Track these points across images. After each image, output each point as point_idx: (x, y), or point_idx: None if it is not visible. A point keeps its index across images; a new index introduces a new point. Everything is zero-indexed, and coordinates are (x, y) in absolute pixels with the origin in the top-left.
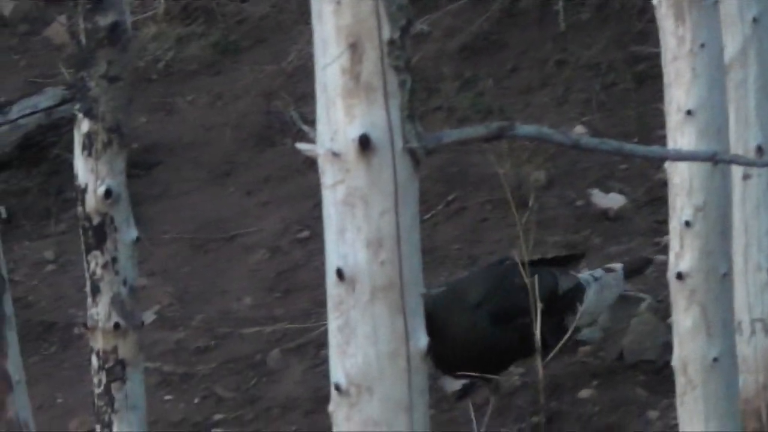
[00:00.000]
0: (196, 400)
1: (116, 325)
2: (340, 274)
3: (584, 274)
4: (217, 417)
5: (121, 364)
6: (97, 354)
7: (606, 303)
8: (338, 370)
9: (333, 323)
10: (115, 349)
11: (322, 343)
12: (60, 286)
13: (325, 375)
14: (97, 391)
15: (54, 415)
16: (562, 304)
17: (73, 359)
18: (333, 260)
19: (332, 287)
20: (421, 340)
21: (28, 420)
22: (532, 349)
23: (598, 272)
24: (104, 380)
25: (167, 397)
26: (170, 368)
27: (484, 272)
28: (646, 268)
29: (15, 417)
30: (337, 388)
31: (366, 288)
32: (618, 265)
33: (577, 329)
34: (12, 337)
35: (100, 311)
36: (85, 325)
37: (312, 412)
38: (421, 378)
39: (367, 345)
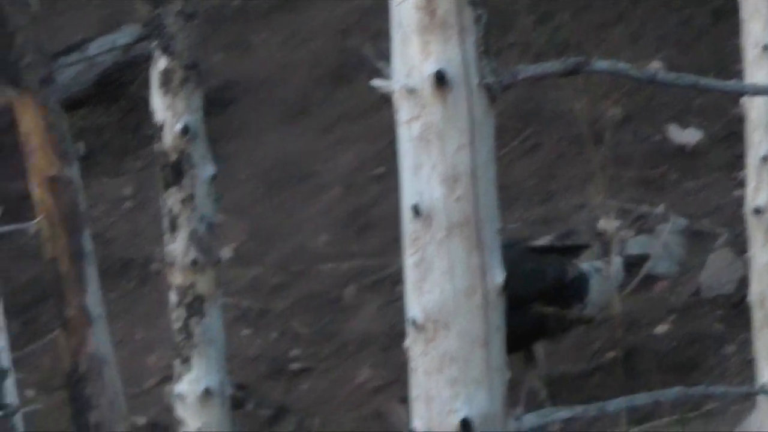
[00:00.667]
0: (273, 336)
1: (194, 262)
2: (416, 210)
3: (586, 265)
4: (294, 352)
5: (199, 299)
6: (176, 290)
7: (607, 295)
8: (414, 306)
9: (409, 259)
10: (193, 285)
11: (397, 279)
12: (138, 222)
13: (401, 311)
14: (176, 326)
15: (133, 350)
16: (568, 292)
17: (152, 295)
18: (409, 197)
19: (408, 223)
20: (498, 276)
21: (108, 355)
22: (543, 333)
23: (599, 264)
24: (183, 316)
25: (245, 333)
26: (247, 304)
27: None
28: (645, 263)
29: (95, 352)
30: (414, 323)
31: (442, 224)
32: (618, 259)
33: (584, 319)
34: (91, 273)
35: (178, 247)
36: (163, 261)
37: (388, 347)
38: (497, 314)
39: (443, 281)
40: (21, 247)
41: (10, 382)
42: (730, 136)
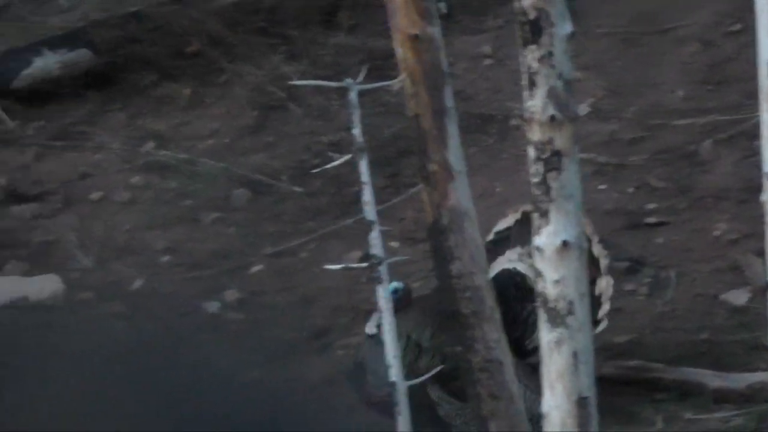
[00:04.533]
0: (629, 190)
1: (552, 117)
2: None
3: None
4: (650, 206)
5: (557, 154)
6: (534, 145)
7: None
8: None
9: (765, 114)
10: (551, 141)
11: (754, 134)
12: (497, 79)
13: (757, 165)
14: (534, 180)
15: (492, 204)
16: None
17: (510, 150)
18: (764, 52)
19: (764, 79)
20: None
21: (469, 208)
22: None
23: None
24: (541, 170)
25: (601, 187)
26: (604, 159)
27: None
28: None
29: (457, 204)
30: None
31: None
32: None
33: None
34: (453, 129)
35: (536, 104)
36: (521, 117)
37: (744, 201)
38: None
39: None
40: (385, 104)
41: (375, 234)
42: None
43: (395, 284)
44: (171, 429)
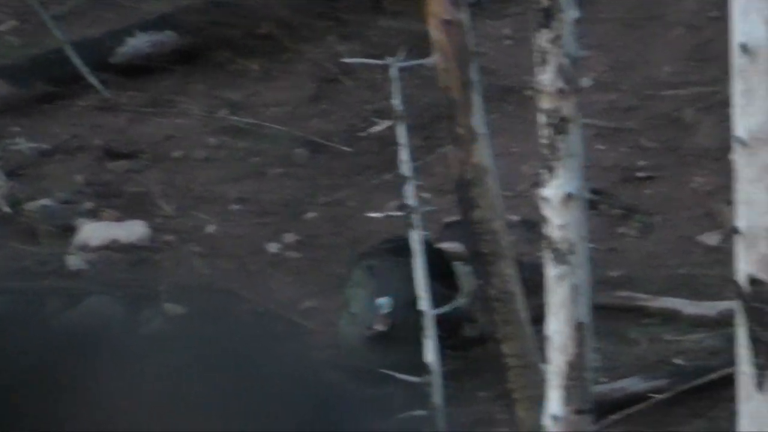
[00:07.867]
0: (624, 150)
1: (560, 90)
2: (743, 48)
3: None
4: (641, 163)
5: (564, 120)
6: (545, 113)
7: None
8: (740, 126)
9: (736, 88)
10: (558, 109)
11: (727, 103)
12: (516, 56)
13: (730, 129)
14: (544, 142)
15: (510, 161)
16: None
17: (526, 116)
18: (738, 36)
19: (737, 58)
20: None
21: (489, 165)
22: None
23: None
24: (550, 134)
25: (600, 147)
26: (603, 123)
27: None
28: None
29: (479, 162)
30: (739, 140)
31: (764, 59)
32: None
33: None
34: (477, 99)
35: (547, 78)
36: (535, 89)
37: (719, 159)
38: None
39: (764, 105)
40: (422, 78)
41: (410, 187)
42: None
43: (384, 299)
44: (242, 349)
